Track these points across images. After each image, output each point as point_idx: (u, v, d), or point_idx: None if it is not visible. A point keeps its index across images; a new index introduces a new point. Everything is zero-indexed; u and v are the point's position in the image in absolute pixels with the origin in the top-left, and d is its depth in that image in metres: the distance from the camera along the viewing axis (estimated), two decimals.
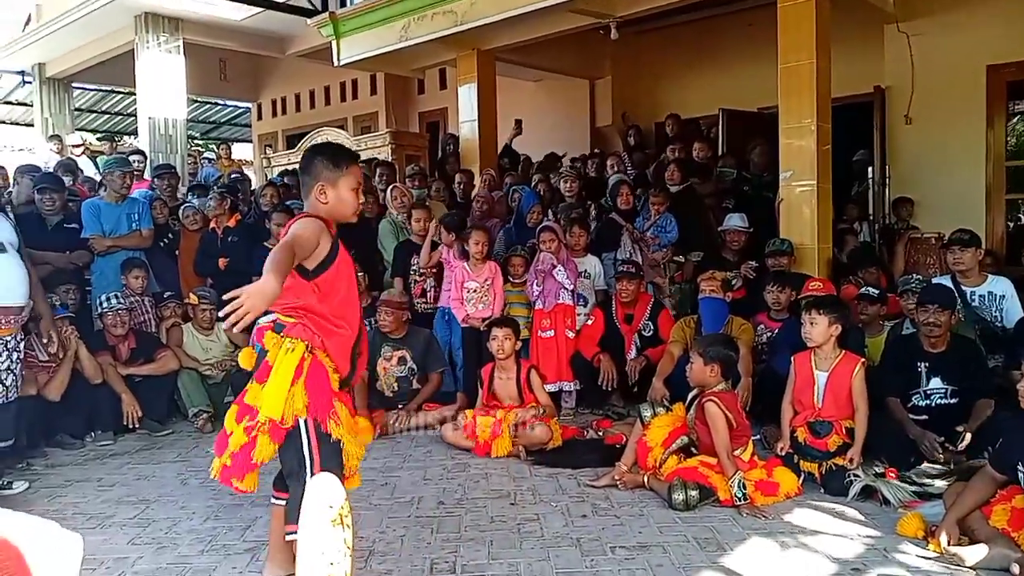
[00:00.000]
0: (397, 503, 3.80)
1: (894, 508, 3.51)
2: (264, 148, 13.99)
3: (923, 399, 4.12)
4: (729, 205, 6.75)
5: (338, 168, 2.63)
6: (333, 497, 1.54)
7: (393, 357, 5.28)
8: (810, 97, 5.74)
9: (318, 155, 2.66)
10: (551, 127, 10.46)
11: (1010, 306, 4.75)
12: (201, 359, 5.66)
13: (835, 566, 2.98)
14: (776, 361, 4.71)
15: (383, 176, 7.60)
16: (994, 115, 7.03)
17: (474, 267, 5.69)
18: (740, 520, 3.45)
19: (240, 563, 3.11)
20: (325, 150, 2.72)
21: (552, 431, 4.55)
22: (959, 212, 6.65)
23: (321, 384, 2.52)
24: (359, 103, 12.82)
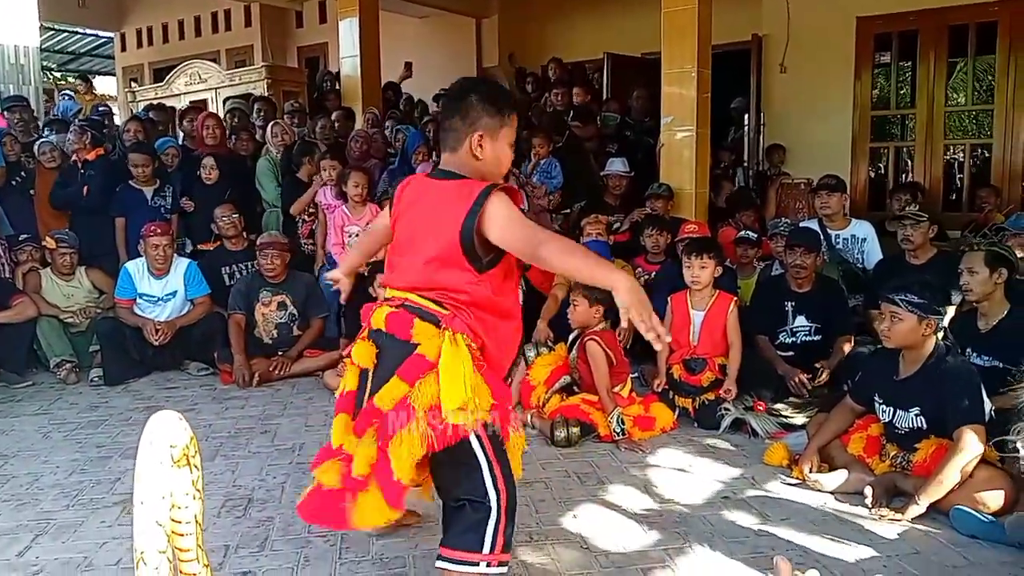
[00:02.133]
0: (277, 450, 3.72)
1: (761, 439, 3.71)
2: (129, 82, 13.08)
3: (789, 336, 4.35)
4: (612, 150, 6.82)
5: (501, 115, 2.12)
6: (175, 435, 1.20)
7: (272, 302, 5.11)
8: (691, 43, 5.81)
9: (475, 93, 2.12)
10: (436, 66, 10.23)
11: (870, 248, 5.05)
12: (62, 306, 5.30)
13: (707, 494, 3.13)
14: (655, 302, 4.81)
15: (261, 112, 7.26)
16: (862, 66, 7.35)
17: (354, 210, 5.53)
18: (619, 455, 3.56)
19: (109, 517, 2.97)
20: (485, 88, 2.17)
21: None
22: (827, 159, 6.98)
23: (499, 383, 2.09)
24: (233, 35, 12.14)
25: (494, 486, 2.02)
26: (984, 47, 7.30)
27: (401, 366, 2.02)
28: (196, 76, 8.98)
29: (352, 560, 2.60)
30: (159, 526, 1.17)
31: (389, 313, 2.10)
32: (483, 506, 2.01)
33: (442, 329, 2.02)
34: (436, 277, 2.06)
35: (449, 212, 2.03)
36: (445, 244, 2.03)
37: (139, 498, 1.16)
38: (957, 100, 9.21)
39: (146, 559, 1.16)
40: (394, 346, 2.06)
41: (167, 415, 1.22)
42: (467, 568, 2.00)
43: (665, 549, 2.65)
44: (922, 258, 4.48)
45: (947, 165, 8.45)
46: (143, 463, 1.17)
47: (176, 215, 6.03)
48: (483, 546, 1.99)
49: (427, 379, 1.98)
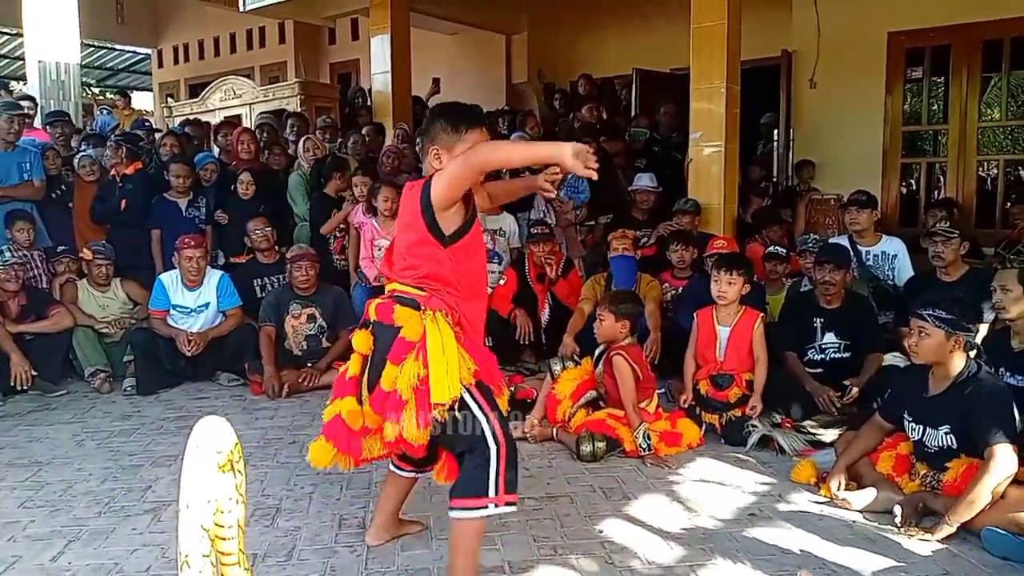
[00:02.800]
0: (305, 461, 3.71)
1: (789, 456, 3.68)
2: (165, 97, 13.35)
3: (818, 353, 4.31)
4: (641, 165, 6.83)
5: (457, 131, 2.36)
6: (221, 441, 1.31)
7: (302, 315, 5.18)
8: (721, 59, 5.81)
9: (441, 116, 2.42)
10: (466, 82, 10.33)
11: (901, 265, 5.00)
12: (98, 316, 5.42)
13: (733, 511, 3.11)
14: (681, 317, 4.83)
15: (294, 128, 7.38)
16: (893, 81, 7.30)
17: (383, 224, 5.59)
18: (644, 470, 3.55)
19: (140, 524, 3.02)
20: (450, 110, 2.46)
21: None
22: (858, 175, 6.91)
23: (480, 349, 2.40)
24: (267, 52, 12.36)
25: (493, 436, 2.24)
26: (1018, 62, 7.22)
27: (390, 350, 2.28)
28: (231, 92, 9.14)
29: (378, 571, 2.62)
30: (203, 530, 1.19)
31: (378, 303, 2.40)
32: (484, 455, 2.23)
33: (422, 311, 2.29)
34: (415, 261, 2.34)
35: (415, 200, 2.35)
36: (416, 226, 2.33)
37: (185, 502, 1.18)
38: (991, 115, 9.10)
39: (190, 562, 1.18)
40: (383, 332, 2.34)
41: (213, 420, 1.24)
42: (478, 512, 2.23)
43: (691, 565, 2.64)
44: (954, 275, 4.43)
45: (980, 181, 8.34)
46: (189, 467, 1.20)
47: (210, 227, 6.13)
48: (488, 489, 2.21)
49: (409, 359, 2.24)
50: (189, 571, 1.17)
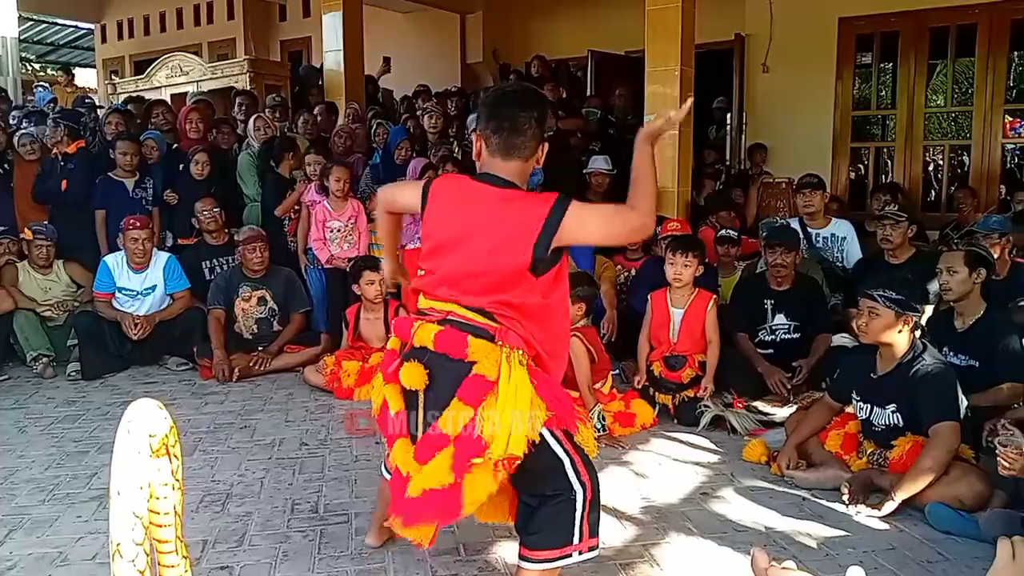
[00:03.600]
0: (257, 445, 3.70)
1: (740, 436, 3.73)
2: (109, 74, 12.93)
3: (769, 334, 4.38)
4: (596, 148, 6.83)
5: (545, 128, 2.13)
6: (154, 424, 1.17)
7: (252, 297, 5.09)
8: (675, 42, 5.82)
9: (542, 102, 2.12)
10: (420, 62, 10.21)
11: (850, 247, 5.09)
12: (40, 299, 5.25)
13: (686, 490, 3.15)
14: (635, 299, 4.86)
15: (242, 106, 7.19)
16: (843, 66, 7.40)
17: (335, 205, 5.50)
18: (599, 450, 3.57)
19: (85, 512, 2.95)
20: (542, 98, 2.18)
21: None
22: (808, 158, 7.01)
23: (554, 388, 2.05)
24: (215, 28, 12.03)
25: (578, 478, 2.01)
26: (964, 49, 7.38)
27: (461, 387, 1.95)
28: (178, 69, 8.89)
29: (331, 555, 2.59)
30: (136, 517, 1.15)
31: (438, 332, 2.02)
32: (569, 499, 2.00)
33: (498, 345, 1.96)
34: (496, 287, 1.99)
35: (517, 221, 1.99)
36: (514, 254, 1.98)
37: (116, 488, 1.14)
38: (936, 102, 9.30)
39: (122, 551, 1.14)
40: (447, 366, 1.99)
41: (146, 403, 1.20)
42: (560, 563, 2.02)
43: (644, 544, 2.66)
44: (901, 258, 4.53)
45: (926, 166, 8.53)
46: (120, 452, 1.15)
47: (158, 208, 5.97)
48: (573, 537, 2.01)
49: (490, 401, 1.92)
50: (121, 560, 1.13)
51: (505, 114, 2.07)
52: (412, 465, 2.02)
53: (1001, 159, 7.42)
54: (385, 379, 2.16)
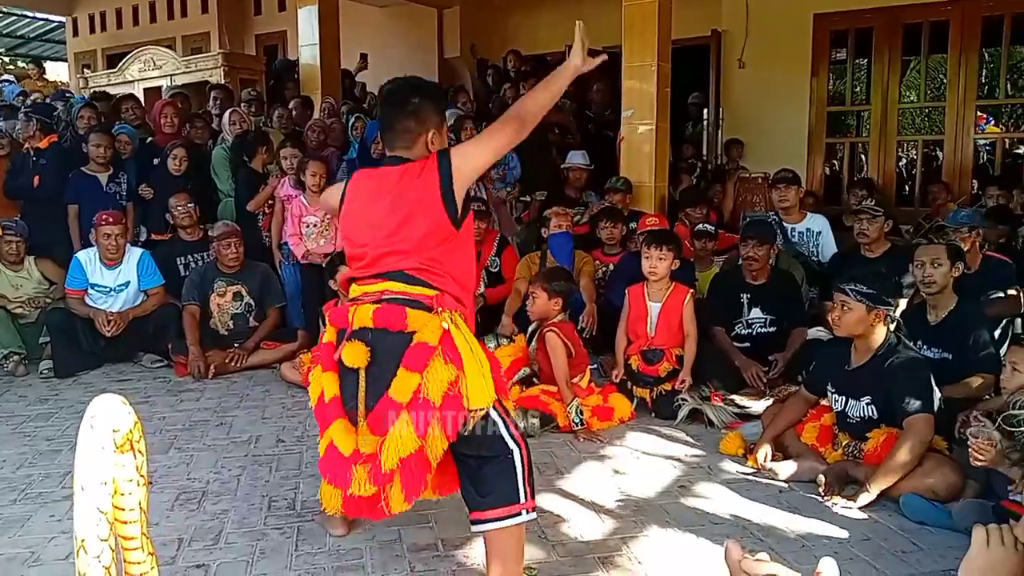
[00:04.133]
0: (233, 443, 3.67)
1: (718, 429, 3.75)
2: (81, 68, 12.74)
3: (745, 328, 4.40)
4: (572, 142, 6.83)
5: (442, 113, 2.35)
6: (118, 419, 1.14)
7: (227, 292, 5.03)
8: (652, 37, 5.83)
9: (418, 96, 2.28)
10: (397, 56, 10.14)
11: (825, 242, 5.14)
12: (10, 296, 5.16)
13: (664, 483, 3.16)
14: (612, 294, 4.87)
15: (217, 100, 7.13)
16: (819, 62, 7.47)
17: (312, 200, 5.46)
18: (577, 445, 3.58)
19: (58, 511, 2.90)
20: (428, 90, 2.35)
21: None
22: (784, 154, 7.06)
23: (492, 357, 2.19)
24: (189, 21, 11.87)
25: (512, 439, 2.13)
26: (937, 46, 7.46)
27: (405, 356, 2.05)
28: (151, 63, 8.79)
29: (308, 552, 2.57)
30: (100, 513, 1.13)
31: (375, 310, 2.12)
32: (508, 459, 2.12)
33: (435, 312, 2.08)
34: (428, 254, 2.13)
35: (418, 186, 2.15)
36: (429, 211, 2.13)
37: (80, 484, 1.12)
38: (910, 97, 9.39)
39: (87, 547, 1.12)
40: (389, 339, 2.09)
41: (109, 398, 1.18)
42: (513, 520, 2.11)
43: (622, 538, 2.67)
44: (877, 252, 4.57)
45: (899, 161, 8.62)
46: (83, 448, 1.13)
47: (132, 203, 5.90)
48: (519, 495, 2.12)
49: (434, 364, 2.03)
50: (86, 556, 1.11)
51: (384, 114, 2.37)
52: (368, 439, 2.10)
53: (973, 154, 7.52)
54: (323, 368, 2.26)
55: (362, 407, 2.14)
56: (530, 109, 2.20)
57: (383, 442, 2.06)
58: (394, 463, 2.04)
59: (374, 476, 2.09)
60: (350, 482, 2.12)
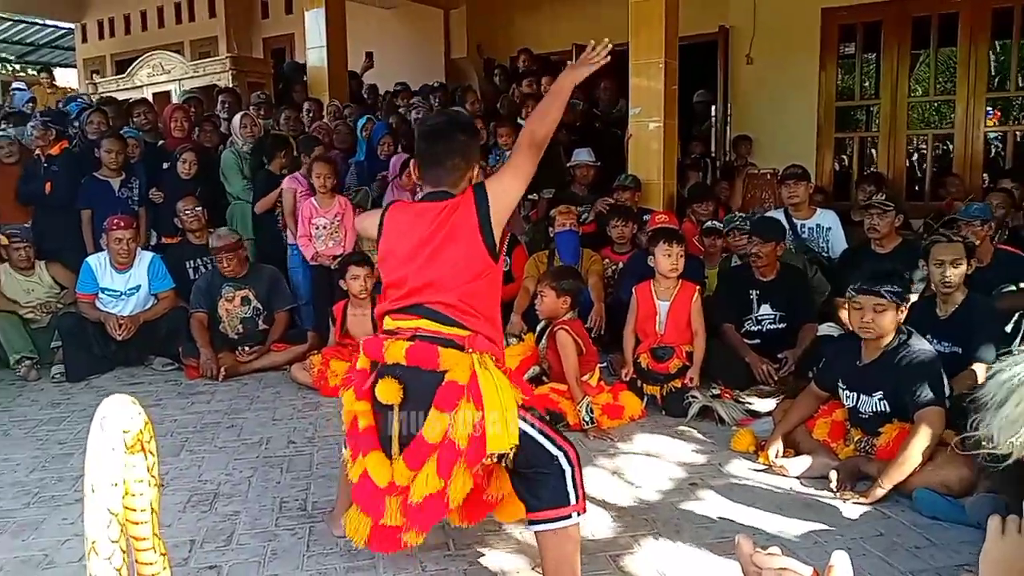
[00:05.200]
0: (244, 444, 3.68)
1: (728, 426, 3.73)
2: (91, 74, 12.82)
3: (755, 324, 4.38)
4: (576, 139, 6.81)
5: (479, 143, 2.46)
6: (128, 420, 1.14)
7: (236, 297, 5.04)
8: (659, 34, 5.82)
9: (462, 132, 2.33)
10: (404, 57, 10.17)
11: (835, 237, 5.11)
12: (22, 301, 5.20)
13: (675, 481, 3.15)
14: (622, 292, 4.86)
15: (225, 104, 7.15)
16: (827, 57, 7.41)
17: (322, 202, 5.48)
18: (587, 443, 3.57)
19: (71, 514, 2.92)
20: (465, 123, 2.42)
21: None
22: (793, 149, 7.02)
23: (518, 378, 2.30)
24: (197, 26, 11.94)
25: (556, 446, 2.14)
26: (946, 39, 7.40)
27: (436, 396, 2.10)
28: (159, 67, 8.84)
29: (320, 553, 2.58)
30: (111, 514, 1.13)
31: (409, 347, 2.15)
32: (556, 466, 2.13)
33: (467, 352, 2.13)
34: (466, 286, 2.18)
35: (458, 222, 2.19)
36: (468, 247, 2.18)
37: (90, 485, 1.12)
38: (919, 91, 9.33)
39: (98, 549, 1.12)
40: (421, 378, 2.13)
41: (119, 399, 1.18)
42: (563, 523, 2.12)
43: (633, 535, 2.66)
44: (887, 247, 4.53)
45: (909, 155, 8.56)
46: (94, 449, 1.14)
47: (145, 208, 5.93)
48: (569, 498, 2.13)
49: (462, 405, 2.07)
50: (97, 559, 1.11)
51: (429, 151, 2.33)
52: (402, 473, 2.15)
53: (984, 147, 7.46)
54: (357, 396, 2.30)
55: (395, 444, 2.19)
56: (542, 133, 2.24)
57: (415, 476, 2.12)
58: (421, 498, 2.11)
59: (403, 508, 2.15)
60: (383, 513, 2.18)
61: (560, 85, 2.32)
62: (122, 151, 5.79)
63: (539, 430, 2.14)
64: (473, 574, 2.44)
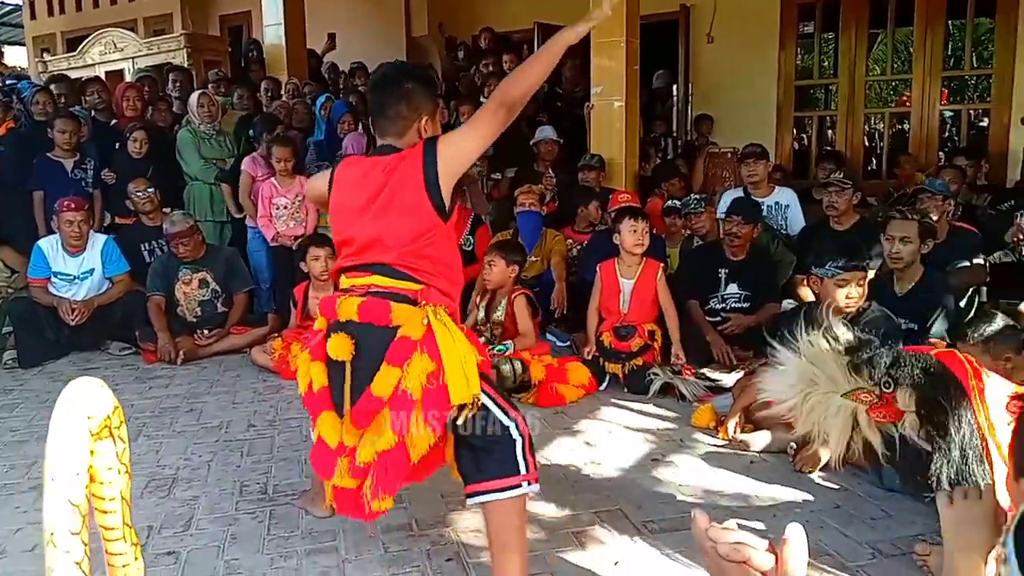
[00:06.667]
0: (204, 429, 3.63)
1: (689, 402, 3.77)
2: (40, 52, 12.43)
3: (720, 303, 4.42)
4: (542, 119, 6.79)
5: (435, 99, 2.26)
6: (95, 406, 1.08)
7: (193, 280, 4.95)
8: (620, 13, 5.78)
9: (411, 80, 2.21)
10: (364, 35, 10.01)
11: (793, 215, 5.16)
12: None
13: (636, 456, 3.18)
14: (586, 271, 4.86)
15: (176, 83, 7.00)
16: (786, 36, 7.47)
17: (282, 182, 5.40)
18: (550, 420, 3.59)
19: (24, 502, 2.86)
20: (420, 75, 2.29)
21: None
22: (753, 128, 7.08)
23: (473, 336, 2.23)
24: (151, 2, 11.60)
25: (507, 415, 2.09)
26: (903, 19, 7.49)
27: (388, 351, 2.03)
28: (111, 45, 8.61)
29: (281, 536, 2.56)
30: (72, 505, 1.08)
31: (361, 303, 2.09)
32: (507, 436, 2.08)
33: (420, 306, 2.06)
34: (414, 247, 2.09)
35: (405, 175, 2.10)
36: (416, 203, 2.08)
37: (49, 473, 1.07)
38: (877, 71, 9.45)
39: (56, 540, 1.06)
40: (374, 333, 2.06)
41: (86, 381, 1.12)
42: (512, 492, 2.07)
43: (596, 512, 2.68)
44: (845, 224, 4.59)
45: (867, 133, 8.68)
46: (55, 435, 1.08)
47: (100, 190, 5.78)
48: (519, 467, 2.07)
49: (414, 359, 2.01)
50: (55, 551, 1.06)
51: (376, 100, 2.26)
52: (351, 432, 2.09)
53: (940, 126, 7.59)
54: (312, 356, 2.23)
55: (347, 401, 2.12)
56: (517, 93, 2.08)
57: (361, 435, 2.06)
58: (369, 457, 2.04)
59: (352, 469, 2.09)
60: (333, 474, 2.12)
61: (554, 44, 2.11)
62: (76, 131, 5.64)
63: (491, 398, 2.10)
64: (436, 554, 2.43)
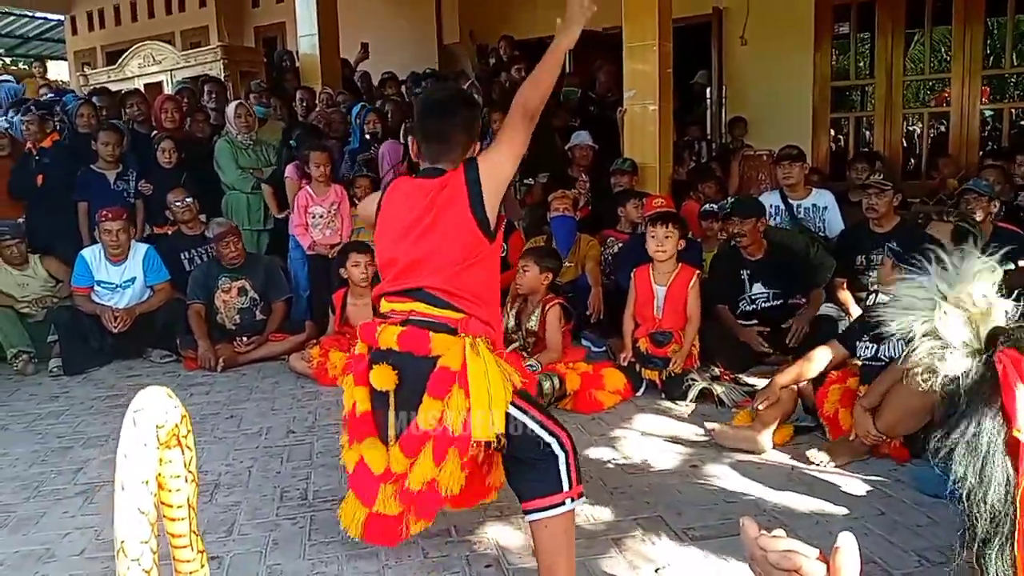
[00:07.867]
0: (244, 435, 3.67)
1: (728, 408, 3.72)
2: (81, 66, 12.71)
3: (749, 304, 4.40)
4: (575, 124, 6.79)
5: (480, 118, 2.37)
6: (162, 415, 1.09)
7: (232, 288, 5.02)
8: (652, 17, 5.78)
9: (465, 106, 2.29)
10: (397, 44, 10.10)
11: (831, 217, 5.10)
12: (17, 296, 5.17)
13: (675, 463, 3.15)
14: (621, 276, 4.85)
15: (212, 94, 7.10)
16: (821, 37, 7.40)
17: (318, 191, 5.46)
18: (587, 427, 3.57)
19: (72, 507, 2.91)
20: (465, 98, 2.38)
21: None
22: (788, 130, 7.02)
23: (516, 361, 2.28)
24: (187, 16, 11.85)
25: (548, 432, 2.08)
26: (940, 18, 7.37)
27: (429, 383, 2.06)
28: (150, 58, 8.77)
29: (321, 542, 2.58)
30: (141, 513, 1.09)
31: (400, 333, 2.11)
32: (550, 453, 2.08)
33: (460, 337, 2.07)
34: (459, 266, 2.10)
35: (450, 197, 2.11)
36: (460, 226, 2.10)
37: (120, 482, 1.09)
38: (914, 70, 9.31)
39: (126, 549, 1.08)
40: (414, 363, 2.09)
41: (155, 391, 1.14)
42: (556, 511, 2.07)
43: (635, 519, 2.66)
44: (886, 226, 4.51)
45: (905, 134, 8.55)
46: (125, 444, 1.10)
47: (142, 200, 5.89)
48: (562, 484, 2.07)
49: (454, 392, 2.03)
50: (125, 559, 1.07)
51: (431, 126, 2.26)
52: (398, 460, 2.13)
53: (980, 125, 7.45)
54: (355, 381, 2.27)
55: (392, 430, 2.16)
56: (535, 102, 2.12)
57: (412, 463, 2.10)
58: (419, 485, 2.09)
59: (400, 496, 2.13)
60: (375, 500, 2.17)
61: (556, 49, 2.19)
62: (118, 143, 5.76)
63: (531, 416, 2.09)
64: (475, 560, 2.44)
